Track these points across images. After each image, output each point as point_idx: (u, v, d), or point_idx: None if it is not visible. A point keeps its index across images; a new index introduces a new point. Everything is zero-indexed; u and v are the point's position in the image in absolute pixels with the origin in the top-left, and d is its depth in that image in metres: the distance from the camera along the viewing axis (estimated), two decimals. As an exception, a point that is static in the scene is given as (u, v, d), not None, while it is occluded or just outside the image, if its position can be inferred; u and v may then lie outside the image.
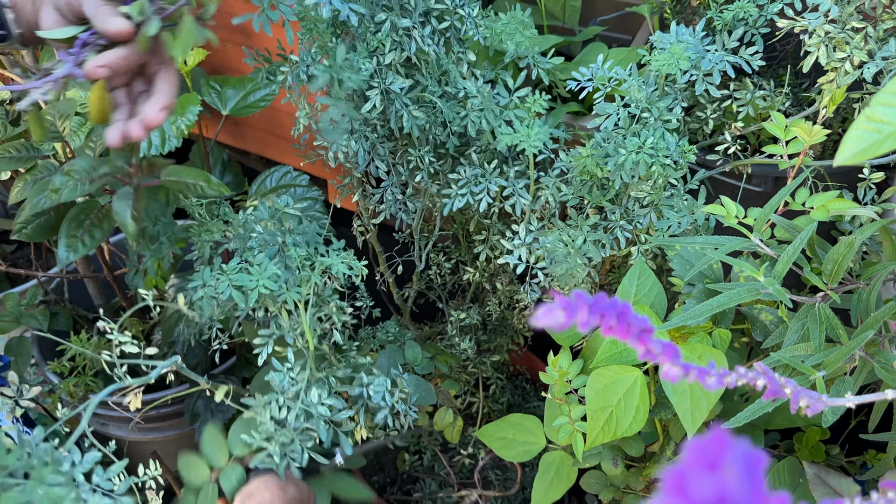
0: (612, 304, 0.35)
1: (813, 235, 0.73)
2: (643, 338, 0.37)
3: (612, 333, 0.36)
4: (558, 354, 0.81)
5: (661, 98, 0.84)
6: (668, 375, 0.40)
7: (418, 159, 0.95)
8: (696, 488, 0.20)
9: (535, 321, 0.32)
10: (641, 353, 0.38)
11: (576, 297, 0.34)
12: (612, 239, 0.86)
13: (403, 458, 1.45)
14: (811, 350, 0.66)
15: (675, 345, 0.38)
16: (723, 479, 0.20)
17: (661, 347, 0.38)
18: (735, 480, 0.20)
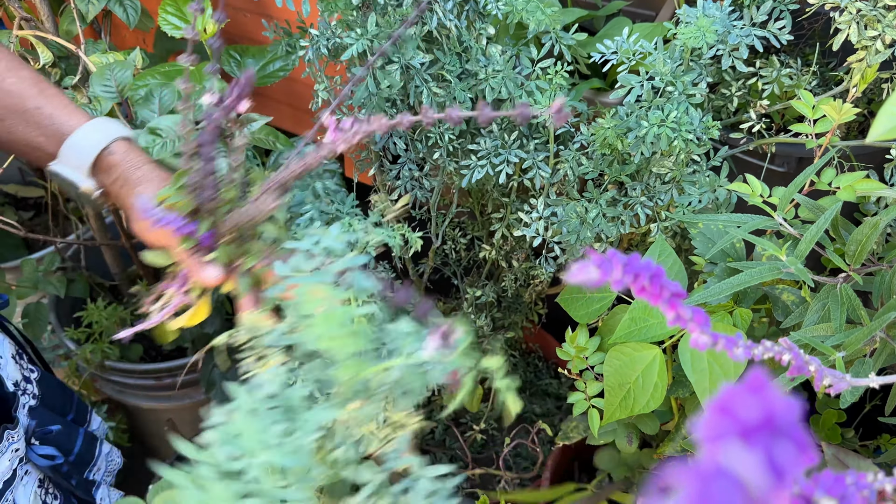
0: (647, 265, 0.34)
1: (837, 216, 0.72)
2: (674, 302, 0.37)
3: (644, 295, 0.35)
4: (576, 331, 0.81)
5: (685, 72, 0.83)
6: (696, 343, 0.40)
7: (438, 136, 0.95)
8: (742, 409, 0.20)
9: (569, 277, 0.32)
10: (671, 318, 0.38)
11: (610, 255, 0.34)
12: (631, 215, 0.85)
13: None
14: (832, 331, 0.65)
15: (704, 312, 0.38)
16: (769, 401, 0.20)
17: (692, 313, 0.38)
18: (780, 404, 0.20)
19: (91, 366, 1.35)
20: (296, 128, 1.56)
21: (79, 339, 1.38)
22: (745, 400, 0.21)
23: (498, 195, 1.10)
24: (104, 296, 1.49)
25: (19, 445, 0.78)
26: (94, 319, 1.36)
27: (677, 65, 0.85)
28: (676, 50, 0.86)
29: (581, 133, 0.89)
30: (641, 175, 0.88)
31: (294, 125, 1.54)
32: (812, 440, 0.27)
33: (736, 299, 0.73)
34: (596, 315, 0.83)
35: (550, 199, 0.92)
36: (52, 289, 1.36)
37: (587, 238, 0.83)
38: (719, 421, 0.20)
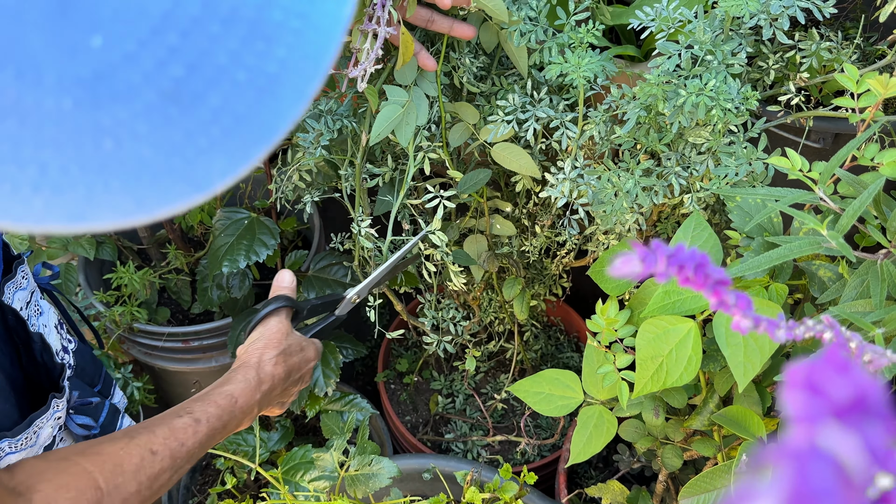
0: (692, 255, 0.34)
1: (879, 192, 0.71)
2: (718, 290, 0.36)
3: (688, 285, 0.35)
4: (606, 303, 0.80)
5: (725, 41, 0.82)
6: (738, 327, 0.39)
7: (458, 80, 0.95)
8: (833, 388, 0.20)
9: (612, 271, 0.32)
10: (714, 304, 0.37)
11: (655, 246, 0.33)
12: (665, 186, 0.85)
13: (437, 400, 1.47)
14: (870, 307, 0.65)
15: (748, 296, 0.38)
16: (858, 380, 0.20)
17: (736, 298, 0.38)
18: (869, 383, 0.20)
19: (119, 328, 1.37)
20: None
21: (108, 301, 1.40)
22: (833, 379, 0.20)
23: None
24: (133, 259, 1.50)
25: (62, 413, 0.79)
26: (124, 282, 1.38)
27: (717, 34, 0.83)
28: (717, 18, 0.84)
29: (611, 95, 0.89)
30: (676, 145, 0.87)
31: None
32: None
33: (772, 274, 0.73)
34: (627, 287, 0.82)
35: (578, 162, 0.91)
36: (82, 251, 1.38)
37: (622, 208, 0.83)
38: (809, 399, 0.20)
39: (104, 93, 0.26)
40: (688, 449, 0.91)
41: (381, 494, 1.05)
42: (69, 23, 0.25)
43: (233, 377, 0.76)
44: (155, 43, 0.26)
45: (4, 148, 0.25)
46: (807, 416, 0.20)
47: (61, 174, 0.26)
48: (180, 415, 0.69)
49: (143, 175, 0.27)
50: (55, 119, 0.26)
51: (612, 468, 1.29)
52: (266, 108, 0.28)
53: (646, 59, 1.15)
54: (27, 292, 0.79)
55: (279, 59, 0.28)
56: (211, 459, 1.39)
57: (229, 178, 0.29)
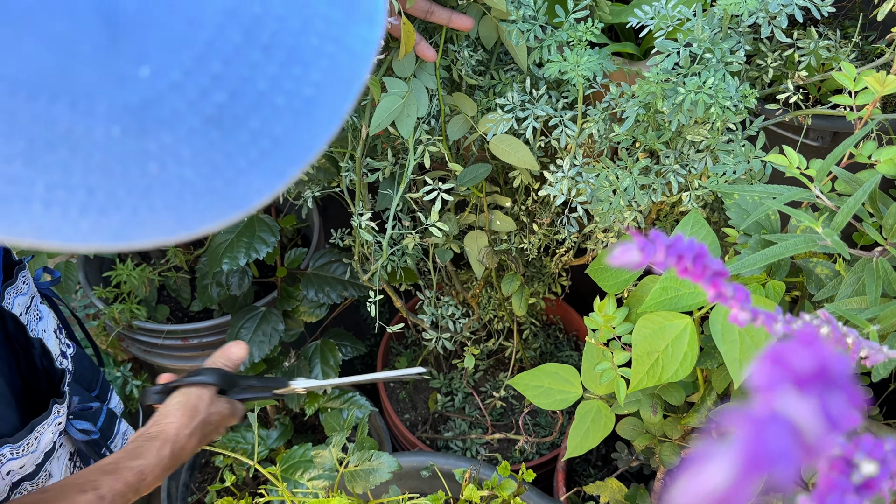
0: (690, 245, 0.34)
1: (875, 190, 0.71)
2: (716, 281, 0.37)
3: (686, 275, 0.35)
4: (604, 300, 0.81)
5: (724, 39, 0.82)
6: (735, 320, 0.40)
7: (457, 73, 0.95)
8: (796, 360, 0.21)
9: (611, 260, 0.32)
10: (712, 296, 0.38)
11: (653, 236, 0.34)
12: (663, 184, 0.85)
13: (435, 398, 1.47)
14: (866, 304, 0.65)
15: (746, 289, 0.38)
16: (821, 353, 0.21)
17: (733, 291, 0.38)
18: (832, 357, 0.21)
19: (119, 325, 1.38)
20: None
21: (107, 298, 1.40)
22: (798, 352, 0.21)
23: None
24: (132, 256, 1.51)
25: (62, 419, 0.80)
26: (123, 279, 1.38)
27: (716, 32, 0.83)
28: (716, 17, 0.84)
29: (610, 93, 0.89)
30: (675, 143, 0.87)
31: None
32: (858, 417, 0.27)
33: (769, 272, 0.73)
34: (625, 285, 0.83)
35: (577, 160, 0.91)
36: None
37: (619, 206, 0.83)
38: (773, 370, 0.21)
39: (151, 120, 0.27)
40: (686, 446, 0.91)
41: (379, 492, 1.05)
42: (119, 54, 0.26)
43: (147, 449, 0.72)
44: (199, 71, 0.27)
45: (55, 174, 0.27)
46: (768, 385, 0.21)
47: (108, 197, 0.27)
48: (85, 490, 0.66)
49: (185, 196, 0.28)
50: (104, 146, 0.27)
51: (611, 466, 1.30)
52: (302, 129, 0.30)
53: (645, 56, 1.15)
54: (27, 297, 0.79)
55: (315, 83, 0.30)
56: (210, 457, 1.39)
57: (266, 196, 0.30)
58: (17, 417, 0.74)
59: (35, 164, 0.26)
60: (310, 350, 1.34)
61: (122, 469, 0.69)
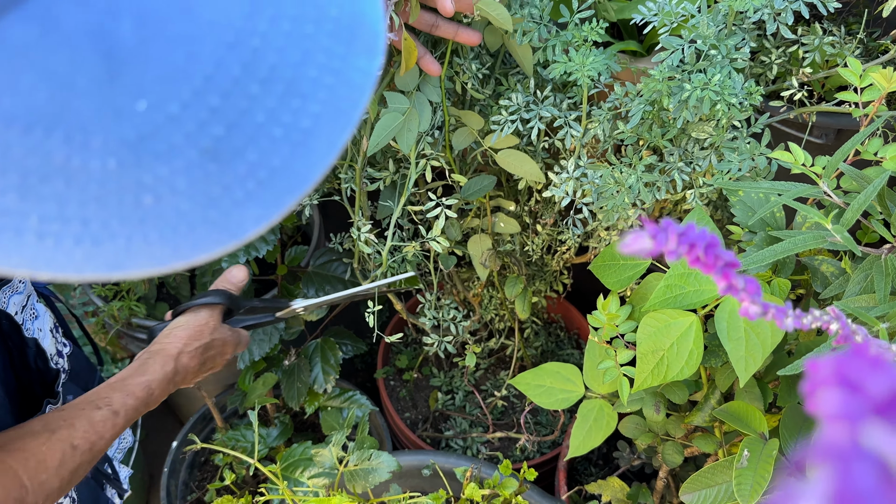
0: (702, 234, 0.34)
1: (884, 187, 0.70)
2: (727, 272, 0.36)
3: (698, 265, 0.34)
4: (607, 298, 0.80)
5: (729, 36, 0.81)
6: (746, 313, 0.39)
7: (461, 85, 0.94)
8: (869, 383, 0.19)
9: (623, 247, 0.31)
10: (723, 288, 0.37)
11: (665, 224, 0.33)
12: (668, 181, 0.84)
13: (436, 396, 1.47)
14: (874, 301, 0.64)
15: (757, 281, 0.37)
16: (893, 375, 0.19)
17: (745, 283, 0.37)
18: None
19: (118, 323, 1.37)
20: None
21: (106, 295, 1.39)
22: (866, 372, 0.19)
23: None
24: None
25: None
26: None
27: (720, 28, 0.83)
28: (720, 13, 0.84)
29: (614, 93, 0.88)
30: (679, 140, 0.86)
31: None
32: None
33: (774, 269, 0.72)
34: (629, 282, 0.82)
35: (581, 161, 0.91)
36: (80, 245, 1.37)
37: (623, 204, 0.82)
38: (845, 395, 0.19)
39: (147, 153, 0.27)
40: (688, 445, 0.91)
41: (380, 490, 1.05)
42: (116, 88, 0.26)
43: (151, 365, 0.75)
44: (197, 104, 0.27)
45: (49, 207, 0.26)
46: (845, 414, 0.19)
47: (102, 228, 0.27)
48: (99, 406, 0.69)
49: (181, 227, 0.28)
50: (99, 178, 0.26)
51: (613, 465, 1.29)
52: (300, 160, 0.29)
53: (648, 53, 1.15)
54: (23, 296, 0.79)
55: (313, 115, 0.29)
56: (210, 455, 1.38)
57: (263, 225, 0.30)
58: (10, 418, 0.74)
59: (29, 197, 0.26)
60: (310, 348, 1.33)
61: (131, 385, 0.72)
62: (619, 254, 0.81)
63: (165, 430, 1.59)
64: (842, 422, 0.19)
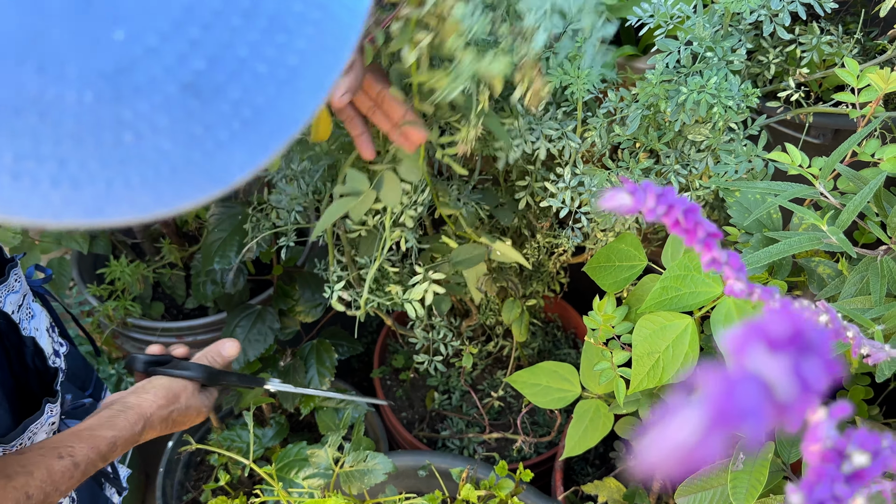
0: (682, 200, 0.33)
1: (880, 188, 0.70)
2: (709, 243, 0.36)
3: (677, 230, 0.34)
4: (603, 299, 0.80)
5: (725, 37, 0.81)
6: (731, 291, 0.38)
7: None
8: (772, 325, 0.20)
9: (601, 203, 0.31)
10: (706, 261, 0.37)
11: (644, 185, 0.33)
12: (664, 184, 0.84)
13: (433, 396, 1.46)
14: (870, 303, 0.64)
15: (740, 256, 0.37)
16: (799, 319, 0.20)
17: (728, 256, 0.37)
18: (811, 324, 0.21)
19: (113, 322, 1.36)
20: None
21: (101, 295, 1.39)
22: (776, 318, 0.21)
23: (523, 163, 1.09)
24: (127, 253, 1.49)
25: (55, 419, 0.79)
26: (117, 276, 1.37)
27: (716, 30, 0.82)
28: (716, 14, 0.83)
29: (609, 99, 0.88)
30: (675, 142, 0.86)
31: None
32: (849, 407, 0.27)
33: (770, 271, 0.72)
34: (624, 284, 0.82)
35: (578, 169, 0.90)
36: (76, 245, 1.37)
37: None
38: (749, 334, 0.21)
39: (125, 86, 0.26)
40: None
41: (375, 491, 1.04)
42: (92, 16, 0.25)
43: (122, 420, 0.73)
44: (177, 36, 0.26)
45: (24, 143, 0.25)
46: (742, 348, 0.21)
47: (80, 169, 0.26)
48: (62, 455, 0.66)
49: (162, 168, 0.27)
50: (75, 113, 0.25)
51: (609, 465, 1.29)
52: (286, 100, 0.28)
53: (644, 53, 1.14)
54: (19, 295, 0.78)
55: (299, 51, 0.28)
56: (205, 455, 1.38)
57: (248, 170, 0.29)
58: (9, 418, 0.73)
59: (1, 132, 0.25)
60: (305, 349, 1.32)
61: (98, 437, 0.69)
62: (614, 255, 0.81)
63: (161, 430, 1.58)
64: (738, 354, 0.21)
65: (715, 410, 0.19)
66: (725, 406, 0.19)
